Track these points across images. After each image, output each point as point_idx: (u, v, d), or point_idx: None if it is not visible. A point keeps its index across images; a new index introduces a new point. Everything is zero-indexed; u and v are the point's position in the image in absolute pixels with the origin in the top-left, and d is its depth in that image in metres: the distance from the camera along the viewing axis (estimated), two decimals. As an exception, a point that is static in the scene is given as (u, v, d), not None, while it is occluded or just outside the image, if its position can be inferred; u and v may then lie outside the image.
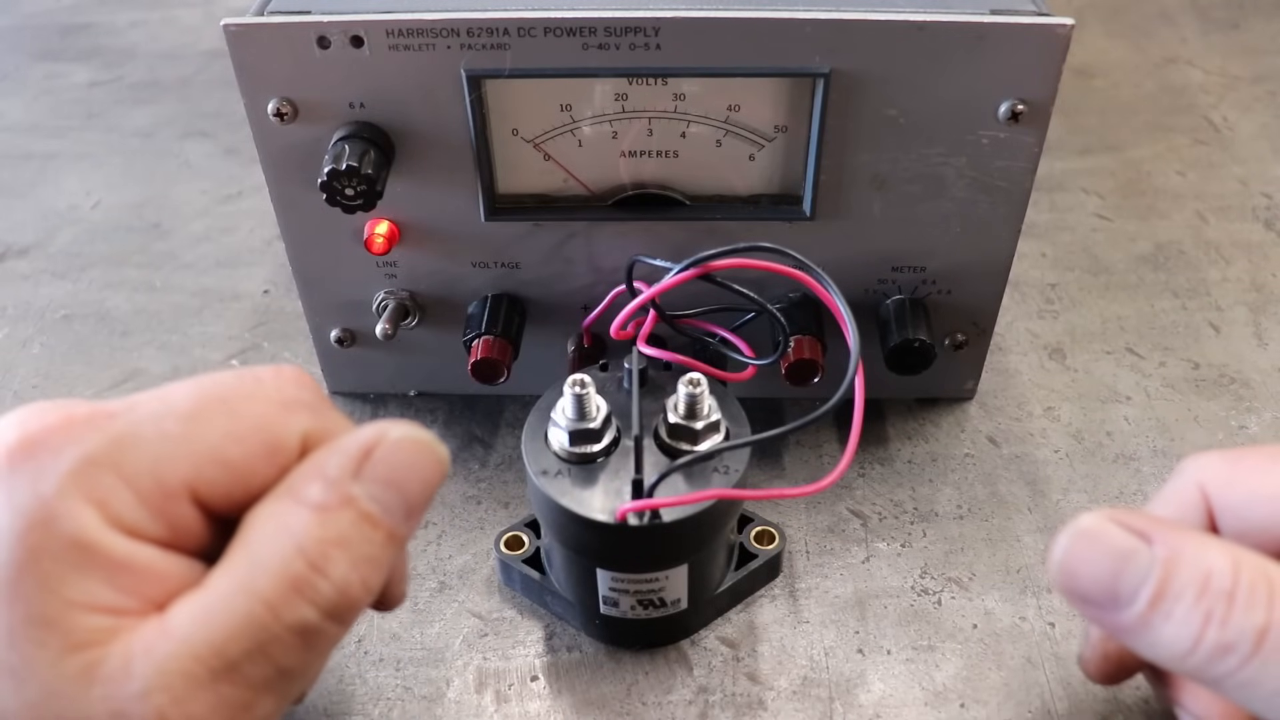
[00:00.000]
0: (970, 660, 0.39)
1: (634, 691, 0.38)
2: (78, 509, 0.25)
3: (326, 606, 0.26)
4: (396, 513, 0.28)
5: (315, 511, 0.26)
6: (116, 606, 0.25)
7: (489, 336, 0.43)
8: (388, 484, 0.27)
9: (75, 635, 0.24)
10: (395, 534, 0.28)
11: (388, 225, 0.42)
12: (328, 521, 0.26)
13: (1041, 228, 0.60)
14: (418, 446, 0.28)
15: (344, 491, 0.27)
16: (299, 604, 0.25)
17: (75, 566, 0.24)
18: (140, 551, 0.25)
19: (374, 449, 0.28)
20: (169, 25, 0.83)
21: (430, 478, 0.28)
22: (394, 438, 0.28)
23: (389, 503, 0.27)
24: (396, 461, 0.28)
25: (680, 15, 0.37)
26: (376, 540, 0.27)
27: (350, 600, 0.26)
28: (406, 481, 0.28)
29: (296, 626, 0.25)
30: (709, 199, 0.42)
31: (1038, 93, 0.38)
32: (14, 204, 0.64)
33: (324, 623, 0.26)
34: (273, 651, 0.25)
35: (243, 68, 0.38)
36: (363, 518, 0.27)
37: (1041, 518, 0.44)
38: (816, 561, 0.42)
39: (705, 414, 0.36)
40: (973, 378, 0.48)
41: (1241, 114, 0.70)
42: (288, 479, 0.27)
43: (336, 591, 0.26)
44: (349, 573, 0.26)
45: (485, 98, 0.39)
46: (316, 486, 0.27)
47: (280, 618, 0.25)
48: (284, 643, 0.25)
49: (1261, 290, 0.55)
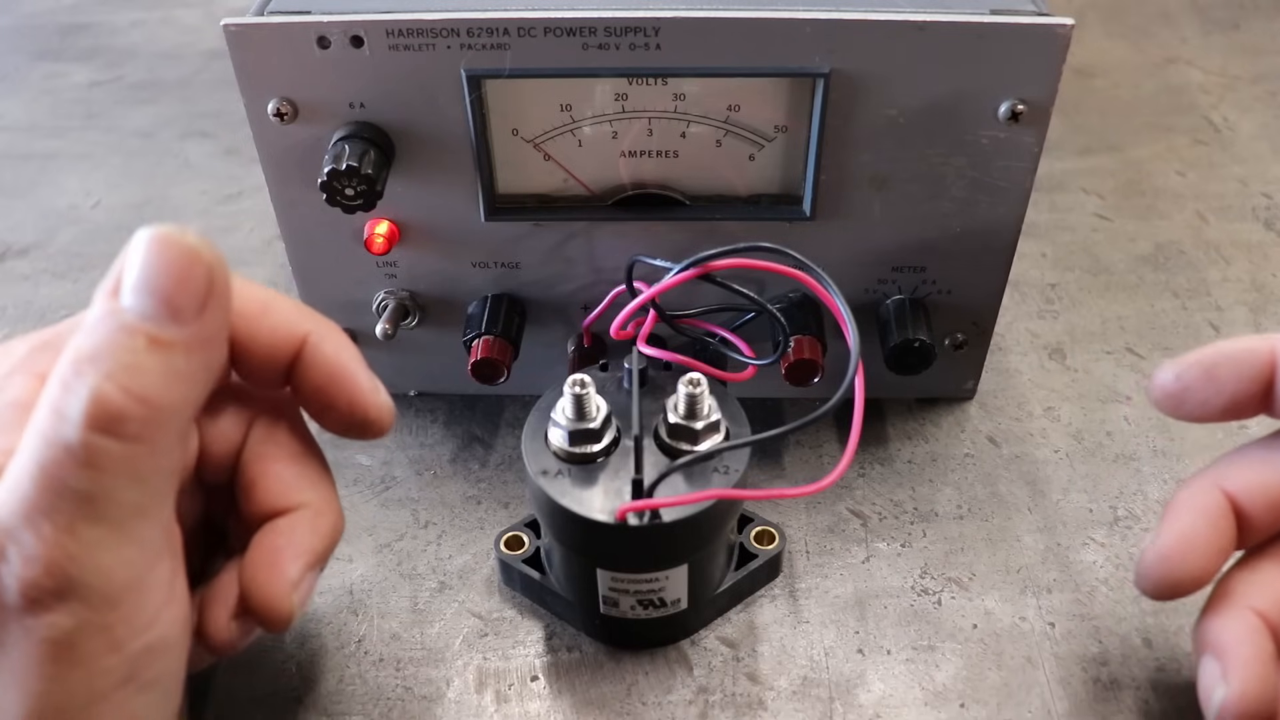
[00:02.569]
0: (970, 660, 0.39)
1: (634, 691, 0.38)
2: None
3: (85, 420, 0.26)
4: (157, 315, 0.27)
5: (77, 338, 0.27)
6: None
7: (489, 336, 0.43)
8: (138, 289, 0.27)
9: None
10: (159, 337, 0.27)
11: (388, 225, 0.42)
12: (81, 343, 0.26)
13: (1041, 228, 0.60)
14: (164, 242, 0.27)
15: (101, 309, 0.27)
16: (59, 423, 0.26)
17: None
18: None
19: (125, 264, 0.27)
20: (169, 25, 0.83)
21: (189, 272, 0.27)
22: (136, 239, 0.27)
23: (145, 307, 0.27)
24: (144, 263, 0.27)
25: (680, 15, 0.37)
26: (135, 347, 0.26)
27: (110, 410, 0.26)
28: (159, 281, 0.27)
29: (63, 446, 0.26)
30: (709, 199, 0.42)
31: (1038, 93, 0.38)
32: (14, 204, 0.64)
33: (91, 436, 0.26)
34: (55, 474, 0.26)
35: (243, 68, 0.38)
36: (119, 328, 0.26)
37: (1041, 518, 0.44)
38: (816, 561, 0.42)
39: (705, 414, 0.36)
40: (973, 378, 0.48)
41: (1241, 114, 0.70)
42: None
43: (89, 403, 0.26)
44: (101, 383, 0.26)
45: (485, 98, 0.39)
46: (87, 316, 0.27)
47: (49, 441, 0.26)
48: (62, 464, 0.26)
49: (1261, 290, 0.55)
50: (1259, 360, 0.33)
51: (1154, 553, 0.34)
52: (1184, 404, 0.34)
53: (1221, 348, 0.34)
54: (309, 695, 0.38)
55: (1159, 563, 0.34)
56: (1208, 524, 0.34)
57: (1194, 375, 0.34)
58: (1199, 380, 0.34)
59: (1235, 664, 0.32)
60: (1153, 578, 0.34)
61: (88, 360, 0.26)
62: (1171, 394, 0.34)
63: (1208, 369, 0.34)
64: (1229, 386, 0.33)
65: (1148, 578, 0.34)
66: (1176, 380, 0.34)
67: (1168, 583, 0.34)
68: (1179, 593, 0.34)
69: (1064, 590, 0.41)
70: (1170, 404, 0.35)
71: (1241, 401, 0.34)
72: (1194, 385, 0.34)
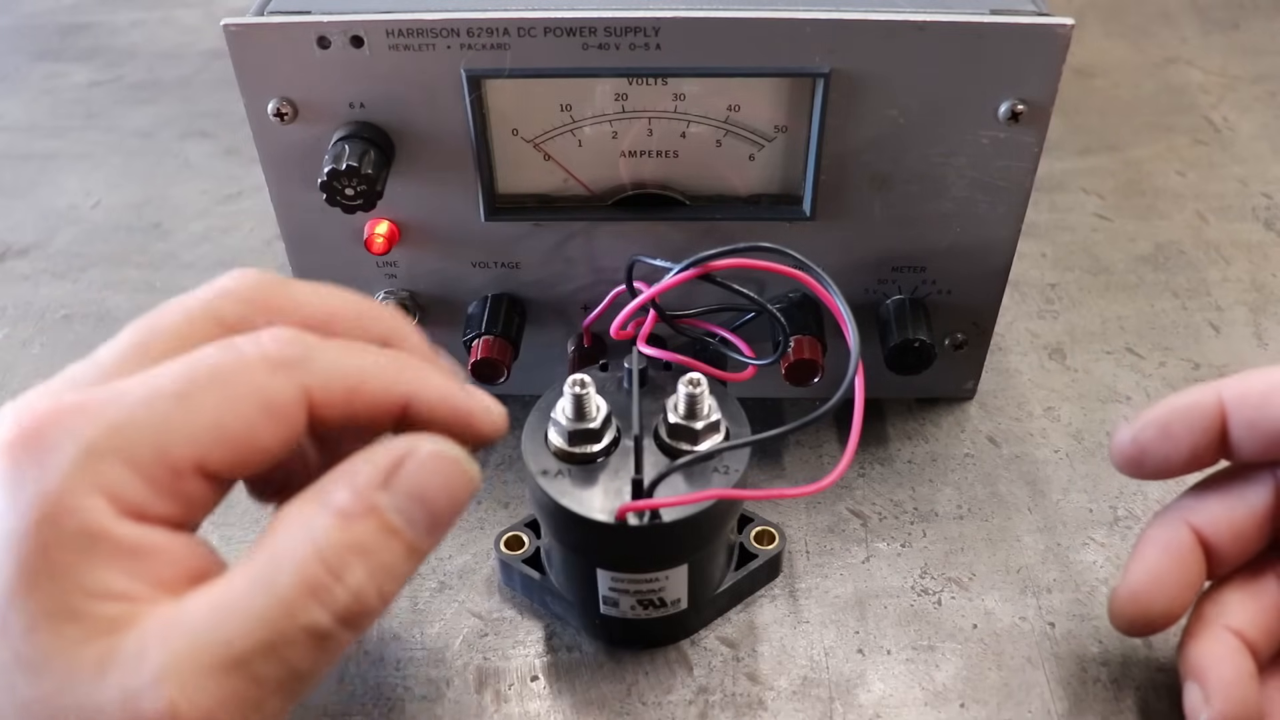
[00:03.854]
0: (970, 660, 0.39)
1: (634, 691, 0.38)
2: (85, 500, 0.25)
3: (341, 612, 0.26)
4: (420, 526, 0.28)
5: (339, 518, 0.26)
6: (129, 593, 0.25)
7: (489, 336, 0.43)
8: (413, 497, 0.27)
9: (90, 624, 0.24)
10: (416, 547, 0.28)
11: (388, 225, 0.42)
12: (350, 529, 0.26)
13: (1041, 228, 0.60)
14: (448, 463, 0.28)
15: (369, 500, 0.27)
16: (314, 608, 0.26)
17: (87, 557, 0.25)
18: (150, 535, 0.26)
19: (404, 461, 0.28)
20: (169, 25, 0.83)
21: (458, 495, 0.29)
22: (425, 451, 0.28)
23: (413, 516, 0.27)
24: (425, 476, 0.28)
25: (680, 15, 0.37)
26: (397, 552, 0.27)
27: (365, 608, 0.27)
28: (433, 497, 0.28)
29: (310, 629, 0.26)
30: (709, 199, 0.42)
31: (1038, 93, 0.38)
32: (14, 204, 0.64)
33: (337, 628, 0.26)
34: (285, 652, 0.25)
35: (243, 68, 0.38)
36: (385, 528, 0.27)
37: (1041, 518, 0.44)
38: (816, 561, 0.42)
39: (705, 414, 0.36)
40: (973, 378, 0.48)
41: (1241, 114, 0.70)
42: (319, 483, 0.27)
43: (352, 598, 0.26)
44: (365, 581, 0.26)
45: (485, 98, 0.39)
46: (343, 493, 0.27)
47: (295, 619, 0.25)
48: (296, 644, 0.25)
49: (1261, 290, 0.55)
50: (1208, 412, 0.34)
51: (1125, 591, 0.35)
52: (1144, 465, 0.35)
53: (1172, 405, 0.34)
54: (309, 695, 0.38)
55: (1130, 601, 0.35)
56: (1176, 560, 0.34)
57: (1150, 436, 0.34)
58: (1156, 441, 0.34)
59: (1216, 687, 0.33)
60: (1126, 616, 0.35)
61: (354, 553, 0.26)
62: (1130, 457, 0.35)
63: (1162, 428, 0.34)
64: (1185, 442, 0.34)
65: (1121, 616, 0.35)
66: (1133, 443, 0.35)
67: (1141, 620, 0.35)
68: (1153, 629, 0.35)
69: (1064, 590, 0.41)
70: (1131, 467, 0.35)
71: (1201, 453, 0.34)
72: (1151, 446, 0.34)
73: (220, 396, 0.27)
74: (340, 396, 0.28)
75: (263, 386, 0.27)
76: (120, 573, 0.25)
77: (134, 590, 0.25)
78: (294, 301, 0.30)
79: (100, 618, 0.24)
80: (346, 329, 0.30)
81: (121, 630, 0.25)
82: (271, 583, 0.25)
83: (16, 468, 0.25)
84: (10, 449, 0.25)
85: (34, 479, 0.25)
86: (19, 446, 0.25)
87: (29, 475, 0.25)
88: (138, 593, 0.25)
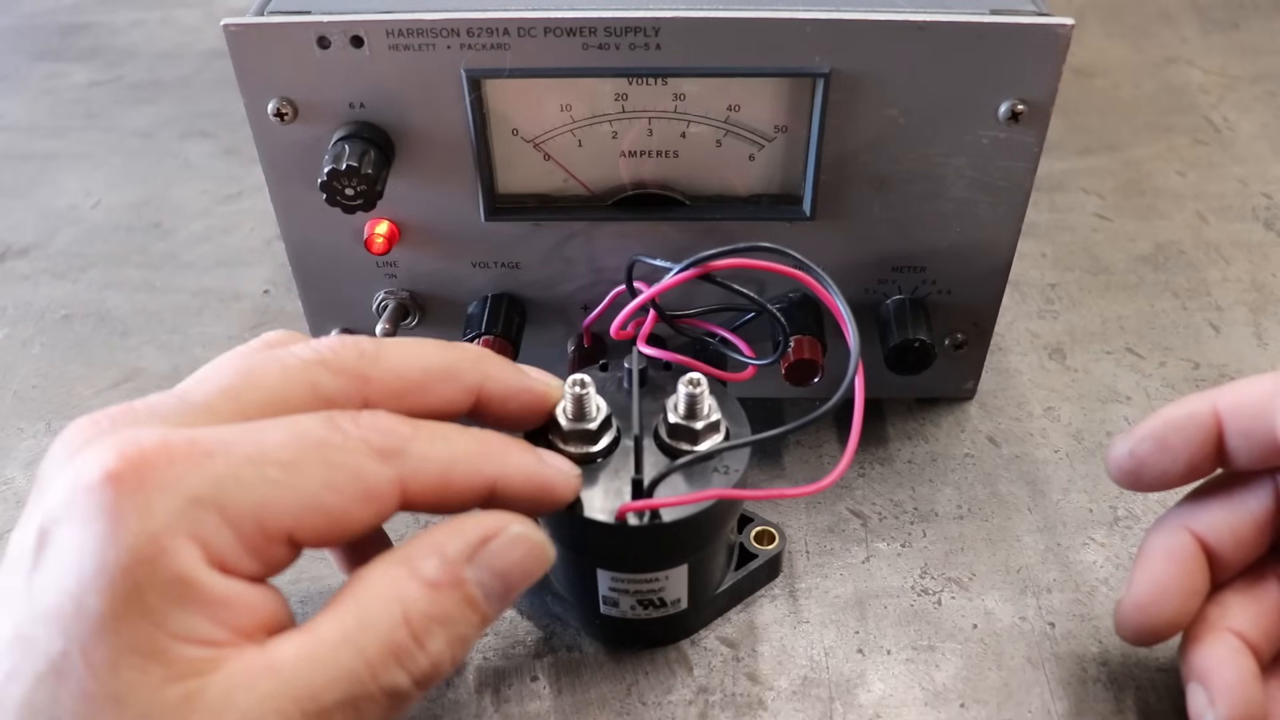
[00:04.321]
0: (970, 660, 0.39)
1: (634, 691, 0.38)
2: (182, 547, 0.25)
3: (419, 676, 0.28)
4: (495, 600, 0.29)
5: (427, 587, 0.28)
6: (213, 639, 0.26)
7: (489, 336, 0.43)
8: (496, 574, 0.29)
9: (177, 666, 0.25)
10: (489, 617, 0.29)
11: (388, 225, 0.42)
12: (436, 599, 0.28)
13: (1041, 228, 0.60)
14: (532, 546, 0.30)
15: (457, 573, 0.29)
16: (396, 670, 0.27)
17: (177, 602, 0.25)
18: (235, 588, 0.26)
19: (491, 539, 0.29)
20: (169, 25, 0.83)
21: (534, 574, 0.31)
22: (513, 533, 0.30)
23: (492, 590, 0.29)
24: (510, 555, 0.30)
25: (680, 15, 0.37)
26: (473, 622, 0.29)
27: (439, 673, 0.28)
28: (513, 575, 0.30)
29: (389, 689, 0.27)
30: (709, 199, 0.42)
31: (1038, 93, 0.38)
32: (14, 204, 0.64)
33: (412, 689, 0.28)
34: (363, 707, 0.27)
35: (243, 68, 0.38)
36: (466, 600, 0.29)
37: (1041, 518, 0.44)
38: (816, 561, 0.42)
39: (705, 414, 0.36)
40: (973, 378, 0.48)
41: (1241, 114, 0.70)
42: (406, 547, 0.29)
43: (431, 664, 0.28)
44: (444, 649, 0.28)
45: (485, 98, 0.39)
46: (433, 563, 0.28)
47: (377, 679, 0.27)
48: (375, 701, 0.27)
49: (1261, 290, 0.55)
50: (1204, 423, 0.34)
51: (1131, 603, 0.35)
52: (1142, 478, 0.35)
53: (1167, 417, 0.34)
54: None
55: (1136, 612, 0.35)
56: (1180, 568, 0.34)
57: (1147, 450, 0.34)
58: (1153, 454, 0.34)
59: (1221, 689, 0.33)
60: (1132, 626, 0.35)
61: (437, 622, 0.28)
62: (1128, 470, 0.35)
63: (1159, 441, 0.34)
64: (1183, 455, 0.34)
65: (1128, 627, 0.35)
66: (1130, 457, 0.35)
67: (1147, 630, 0.35)
68: (1160, 638, 0.35)
69: (1064, 590, 0.41)
70: (1129, 480, 0.35)
71: (1198, 464, 0.34)
72: (1149, 460, 0.34)
73: (324, 475, 0.28)
74: (433, 485, 0.30)
75: (364, 472, 0.28)
76: (206, 620, 0.26)
77: (218, 636, 0.26)
78: (391, 372, 0.31)
79: (186, 660, 0.25)
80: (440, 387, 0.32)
81: (206, 674, 0.25)
82: (360, 643, 0.27)
83: (120, 502, 0.25)
84: (116, 481, 0.25)
85: (137, 517, 0.25)
86: (125, 481, 0.25)
87: (133, 512, 0.25)
88: (222, 639, 0.26)
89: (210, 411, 0.29)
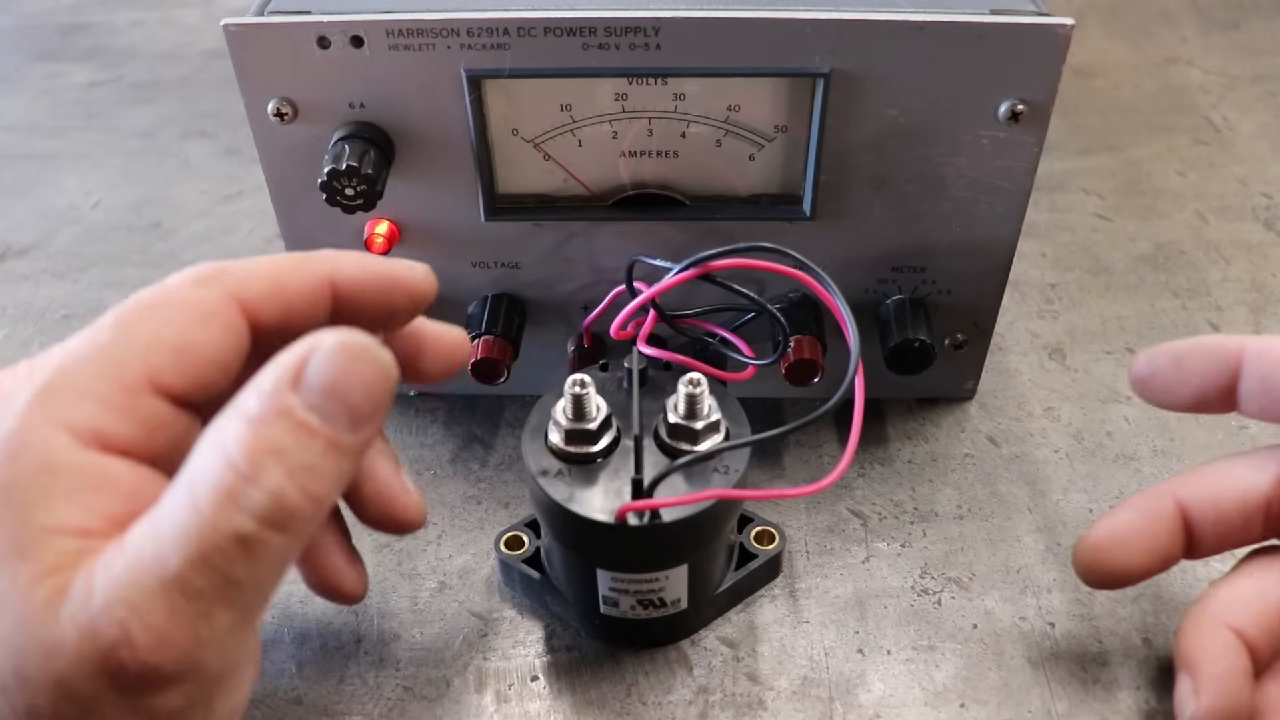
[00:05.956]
0: (970, 660, 0.39)
1: (634, 691, 0.38)
2: (44, 433, 0.26)
3: (262, 514, 0.25)
4: (338, 421, 0.27)
5: (249, 423, 0.26)
6: (85, 527, 0.26)
7: (489, 336, 0.43)
8: (325, 392, 0.27)
9: (45, 561, 0.25)
10: (337, 442, 0.27)
11: (388, 225, 0.42)
12: (261, 433, 0.26)
13: (1041, 228, 0.60)
14: (355, 351, 0.27)
15: (280, 403, 0.26)
16: (233, 513, 0.25)
17: (45, 492, 0.25)
18: (111, 465, 0.26)
19: (309, 357, 0.27)
20: (169, 25, 0.83)
21: (374, 383, 0.27)
22: (329, 344, 0.27)
23: (328, 411, 0.27)
24: (334, 369, 0.27)
25: (680, 15, 0.37)
26: (314, 448, 0.26)
27: (288, 508, 0.26)
28: (347, 389, 0.27)
29: (234, 536, 0.25)
30: (709, 199, 0.42)
31: (1038, 93, 0.38)
32: (14, 204, 0.64)
33: (263, 531, 0.26)
34: (216, 561, 0.25)
35: (243, 68, 0.38)
36: (298, 426, 0.26)
37: (1041, 518, 0.44)
38: (816, 561, 0.42)
39: (705, 414, 0.36)
40: (973, 378, 0.48)
41: (1241, 114, 0.70)
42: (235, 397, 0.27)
43: (270, 499, 0.26)
44: (284, 481, 0.26)
45: (485, 98, 0.39)
46: (253, 400, 0.27)
47: (217, 528, 0.25)
48: (225, 552, 0.25)
49: (1261, 290, 0.55)
50: (1226, 356, 0.34)
51: (1087, 540, 0.36)
52: (1150, 388, 0.36)
53: (1195, 341, 0.35)
54: (309, 695, 0.38)
55: (1089, 550, 0.36)
56: (1147, 522, 0.35)
57: (1163, 363, 0.35)
58: (1167, 368, 0.35)
59: (1207, 681, 0.33)
60: (1084, 562, 0.36)
61: (269, 454, 0.26)
62: (1141, 378, 0.36)
63: (1176, 359, 0.35)
64: (1194, 378, 0.35)
65: (1079, 561, 0.36)
66: (1147, 365, 0.36)
67: (1096, 570, 0.36)
68: (1110, 583, 0.36)
69: (1064, 590, 0.41)
70: (1140, 386, 0.36)
71: (1207, 394, 0.35)
72: (1162, 372, 0.35)
73: (154, 318, 0.28)
74: (267, 291, 0.30)
75: (190, 298, 0.29)
76: (76, 506, 0.26)
77: (90, 524, 0.26)
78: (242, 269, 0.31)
79: (54, 553, 0.25)
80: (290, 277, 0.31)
81: (74, 566, 0.25)
82: (191, 496, 0.26)
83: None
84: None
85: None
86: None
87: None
88: (92, 527, 0.26)
89: None
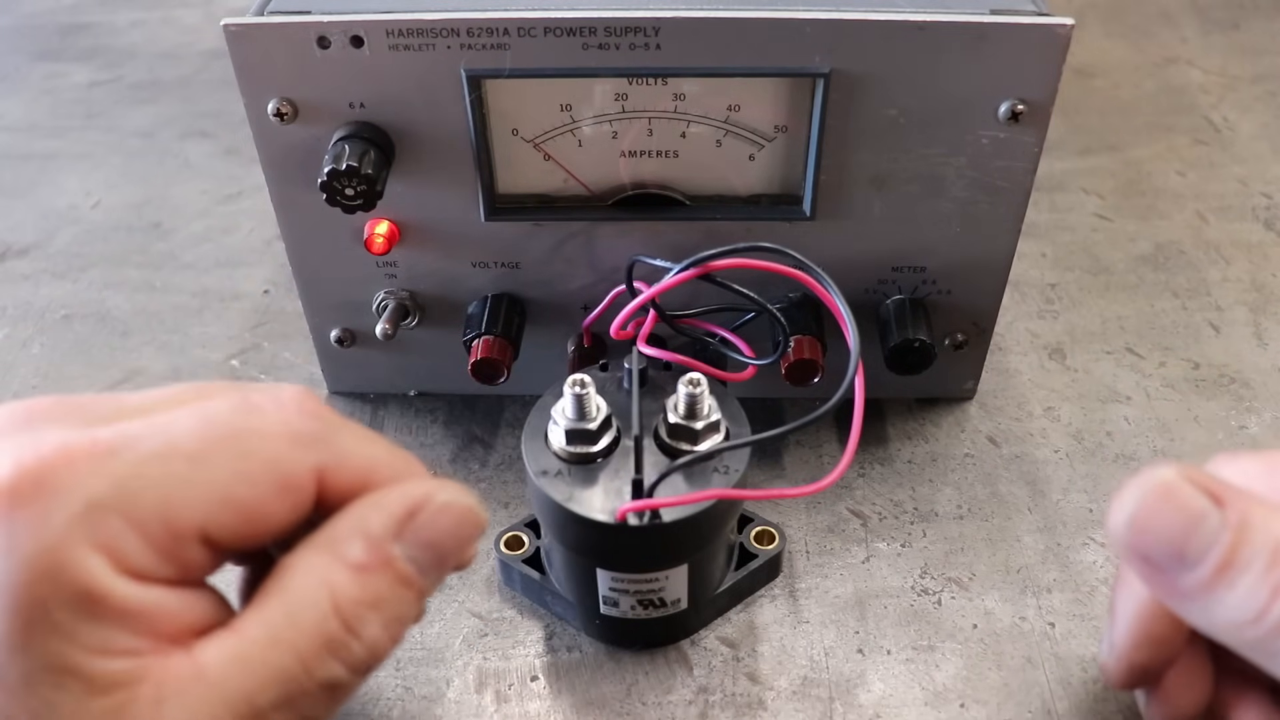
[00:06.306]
0: (970, 660, 0.39)
1: (634, 691, 0.38)
2: (85, 557, 0.24)
3: (356, 665, 0.26)
4: (430, 572, 0.28)
5: (354, 571, 0.26)
6: (133, 649, 0.25)
7: (489, 336, 0.43)
8: (427, 547, 0.28)
9: (98, 680, 0.24)
10: (425, 591, 0.28)
11: (388, 225, 0.42)
12: (366, 583, 0.26)
13: (1041, 228, 0.60)
14: (462, 513, 0.28)
15: (385, 553, 0.27)
16: (331, 662, 0.26)
17: (86, 615, 0.24)
18: (150, 595, 0.25)
19: (419, 511, 0.27)
20: (169, 25, 0.83)
21: (468, 541, 0.29)
22: (440, 502, 0.28)
23: (425, 564, 0.28)
24: (439, 526, 0.28)
25: (680, 15, 0.37)
26: (409, 600, 0.27)
27: (379, 657, 0.27)
28: (445, 545, 0.28)
29: (326, 683, 0.26)
30: (709, 199, 0.42)
31: (1038, 93, 0.38)
32: (14, 204, 0.64)
33: (351, 678, 0.26)
34: (300, 703, 0.26)
35: (243, 68, 0.38)
36: (399, 579, 0.27)
37: (1041, 518, 0.44)
38: (816, 561, 0.42)
39: (705, 414, 0.36)
40: (973, 378, 0.48)
41: (1241, 114, 0.70)
42: (328, 529, 0.27)
43: (367, 651, 0.26)
44: (380, 633, 0.27)
45: (485, 98, 0.39)
46: (358, 546, 0.27)
47: (312, 674, 0.26)
48: (312, 696, 0.26)
49: (1261, 290, 0.55)
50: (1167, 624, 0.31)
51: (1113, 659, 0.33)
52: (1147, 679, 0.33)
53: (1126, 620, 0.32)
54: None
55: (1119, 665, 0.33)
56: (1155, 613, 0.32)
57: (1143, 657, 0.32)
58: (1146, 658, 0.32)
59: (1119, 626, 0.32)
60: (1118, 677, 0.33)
61: (370, 606, 0.26)
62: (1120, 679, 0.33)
63: None
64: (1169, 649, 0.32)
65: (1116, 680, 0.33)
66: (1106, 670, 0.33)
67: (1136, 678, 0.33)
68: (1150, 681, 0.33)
69: (1064, 590, 0.41)
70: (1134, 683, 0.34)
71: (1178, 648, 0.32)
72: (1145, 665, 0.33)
73: (236, 465, 0.26)
74: (353, 482, 0.28)
75: (280, 460, 0.27)
76: (121, 630, 0.24)
77: (138, 646, 0.25)
78: None
79: (107, 673, 0.24)
80: None
81: (133, 685, 0.24)
82: (288, 638, 0.25)
83: (15, 515, 0.24)
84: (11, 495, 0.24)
85: (33, 530, 0.24)
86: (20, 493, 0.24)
87: (28, 525, 0.24)
88: (143, 648, 0.25)
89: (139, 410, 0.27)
